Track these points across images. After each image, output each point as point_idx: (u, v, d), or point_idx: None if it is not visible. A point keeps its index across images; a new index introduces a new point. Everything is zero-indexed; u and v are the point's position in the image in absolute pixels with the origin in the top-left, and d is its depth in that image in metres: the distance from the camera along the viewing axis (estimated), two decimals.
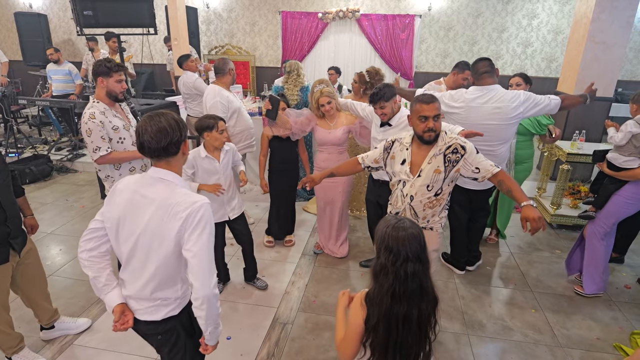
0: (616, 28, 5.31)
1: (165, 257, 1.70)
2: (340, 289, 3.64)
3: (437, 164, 2.46)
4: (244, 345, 3.00)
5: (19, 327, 2.88)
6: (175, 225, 1.63)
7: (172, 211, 1.64)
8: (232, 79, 4.22)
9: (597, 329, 3.25)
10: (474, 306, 3.50)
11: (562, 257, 4.29)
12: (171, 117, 1.70)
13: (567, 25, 8.56)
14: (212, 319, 1.73)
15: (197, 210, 1.64)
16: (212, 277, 1.68)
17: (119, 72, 2.97)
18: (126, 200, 1.73)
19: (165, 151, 1.69)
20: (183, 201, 1.65)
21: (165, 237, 1.66)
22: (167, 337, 1.89)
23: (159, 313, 1.81)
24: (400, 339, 1.57)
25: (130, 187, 1.74)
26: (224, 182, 3.22)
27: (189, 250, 1.64)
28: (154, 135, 1.65)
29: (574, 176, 5.53)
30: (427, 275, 1.58)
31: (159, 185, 1.71)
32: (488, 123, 3.28)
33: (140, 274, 1.75)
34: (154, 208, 1.66)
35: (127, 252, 1.75)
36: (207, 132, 3.06)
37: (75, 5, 4.54)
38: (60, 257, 4.10)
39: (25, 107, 8.48)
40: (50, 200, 5.40)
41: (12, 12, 9.98)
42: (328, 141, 3.76)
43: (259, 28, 9.78)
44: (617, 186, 3.38)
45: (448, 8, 8.95)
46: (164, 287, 1.78)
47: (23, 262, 2.71)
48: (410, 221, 1.62)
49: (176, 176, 1.75)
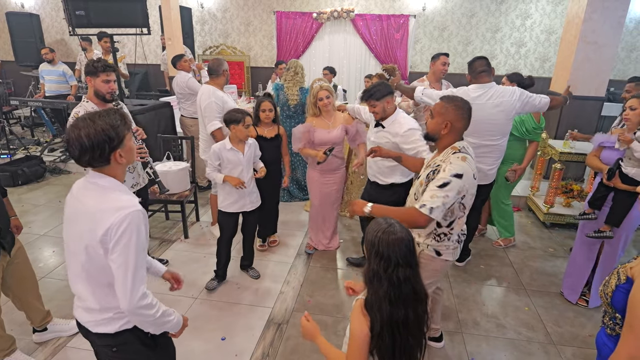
0: (608, 28, 5.35)
1: (100, 265, 1.60)
2: (335, 289, 3.67)
3: (425, 174, 2.36)
4: (239, 346, 3.00)
5: (10, 330, 2.86)
6: (99, 234, 1.54)
7: (98, 218, 1.55)
8: (225, 79, 4.19)
9: (589, 327, 3.27)
10: (468, 304, 3.51)
11: (555, 255, 4.32)
12: (95, 130, 1.54)
13: (560, 26, 8.61)
14: (146, 325, 1.69)
15: (123, 219, 1.53)
16: (136, 291, 1.58)
17: (106, 72, 2.96)
18: (69, 208, 1.68)
19: (90, 164, 1.60)
20: (110, 208, 1.56)
21: (96, 246, 1.56)
22: (123, 350, 1.77)
23: (112, 325, 1.71)
24: (404, 342, 1.56)
25: (73, 193, 1.69)
26: (247, 174, 3.45)
27: (113, 261, 1.56)
28: (75, 148, 1.55)
29: (566, 175, 5.56)
30: (417, 278, 1.58)
31: (92, 190, 1.63)
32: (493, 119, 3.39)
33: (82, 283, 1.68)
34: (85, 216, 1.59)
35: (70, 259, 1.70)
36: (233, 125, 3.27)
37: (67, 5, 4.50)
38: (53, 259, 4.08)
39: (17, 108, 8.43)
40: (43, 202, 5.37)
41: (3, 12, 9.89)
42: (328, 141, 3.77)
43: (253, 28, 9.76)
44: (633, 200, 3.06)
45: (442, 8, 8.97)
46: (109, 296, 1.66)
47: (13, 262, 2.69)
48: (400, 225, 1.59)
49: (112, 180, 1.64)
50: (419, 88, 3.76)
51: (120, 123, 1.61)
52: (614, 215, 3.18)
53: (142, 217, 1.61)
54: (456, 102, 2.31)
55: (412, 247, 1.56)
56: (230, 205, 3.48)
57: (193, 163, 4.74)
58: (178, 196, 4.30)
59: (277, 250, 4.32)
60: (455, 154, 2.26)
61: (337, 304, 3.49)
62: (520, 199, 5.49)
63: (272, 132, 3.93)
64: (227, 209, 3.50)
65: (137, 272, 1.58)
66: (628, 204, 3.10)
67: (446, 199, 2.16)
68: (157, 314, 1.67)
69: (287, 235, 4.55)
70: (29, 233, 4.53)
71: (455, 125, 2.29)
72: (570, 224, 4.83)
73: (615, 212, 3.17)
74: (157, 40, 9.51)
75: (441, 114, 2.31)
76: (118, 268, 1.55)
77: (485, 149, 3.50)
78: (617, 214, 3.16)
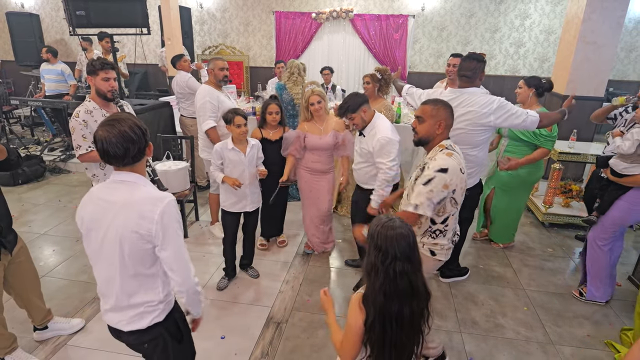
0: (607, 28, 5.36)
1: (138, 257, 1.66)
2: (334, 288, 3.68)
3: (416, 173, 2.44)
4: (238, 345, 3.00)
5: (12, 328, 2.86)
6: (142, 224, 1.60)
7: (138, 210, 1.61)
8: (213, 78, 4.17)
9: (588, 326, 3.28)
10: (467, 304, 3.52)
11: (554, 255, 4.33)
12: (134, 124, 1.64)
13: (559, 26, 8.62)
14: (192, 302, 1.82)
15: (165, 207, 1.63)
16: (190, 270, 1.74)
17: (105, 69, 2.97)
18: (92, 210, 1.70)
19: (134, 159, 1.66)
20: (148, 199, 1.63)
21: (134, 237, 1.62)
22: (154, 345, 1.85)
23: (143, 321, 1.77)
24: (395, 336, 1.58)
25: (94, 197, 1.71)
26: (248, 175, 3.45)
27: (164, 249, 1.64)
28: (121, 145, 1.60)
29: (565, 175, 5.57)
30: (417, 274, 1.59)
31: (122, 187, 1.67)
32: (458, 127, 3.12)
33: (115, 281, 1.71)
34: (117, 210, 1.63)
35: (99, 261, 1.73)
36: (227, 125, 3.33)
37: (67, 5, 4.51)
38: (53, 257, 4.09)
39: (17, 107, 8.44)
40: (43, 201, 5.37)
41: (3, 11, 9.91)
42: (320, 147, 3.78)
43: (252, 28, 9.77)
44: (622, 192, 3.27)
45: (441, 8, 8.99)
46: (143, 290, 1.74)
47: (14, 261, 2.70)
48: (400, 221, 1.62)
49: (139, 176, 1.70)
50: (406, 86, 3.72)
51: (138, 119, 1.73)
52: (602, 202, 3.41)
53: (176, 204, 1.72)
54: (443, 102, 2.43)
55: (412, 242, 1.57)
56: (231, 205, 3.50)
57: (192, 163, 4.75)
58: (177, 196, 4.30)
59: (277, 249, 4.33)
60: (442, 151, 2.34)
61: (336, 303, 3.49)
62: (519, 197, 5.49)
63: (277, 135, 3.93)
64: (229, 209, 3.52)
65: (186, 252, 1.72)
66: (615, 195, 3.30)
67: (430, 194, 2.24)
68: (200, 292, 1.84)
69: (287, 235, 4.55)
70: (29, 232, 4.53)
71: (448, 123, 2.40)
72: (569, 224, 4.84)
73: (604, 200, 3.39)
74: (157, 40, 9.52)
75: (433, 116, 2.38)
76: (173, 253, 1.66)
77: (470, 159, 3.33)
78: (604, 202, 3.38)
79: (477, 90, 3.20)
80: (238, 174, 3.40)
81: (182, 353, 1.97)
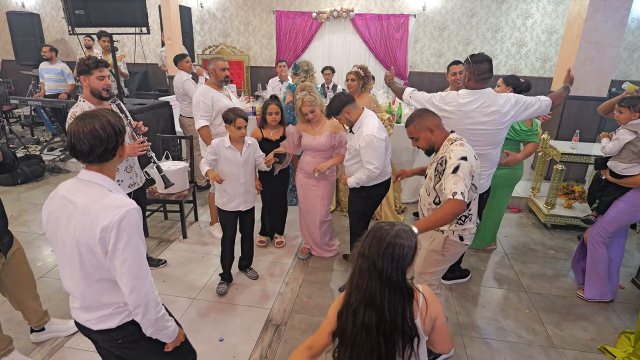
0: (610, 28, 5.32)
1: (98, 263, 1.59)
2: (334, 290, 3.65)
3: (432, 170, 2.52)
4: (236, 347, 2.97)
5: (8, 330, 2.84)
6: (97, 232, 1.52)
7: (96, 217, 1.53)
8: (214, 79, 4.16)
9: (590, 330, 3.25)
10: (468, 307, 3.49)
11: (556, 257, 4.29)
12: (106, 121, 1.58)
13: (561, 25, 8.58)
14: (149, 322, 1.66)
15: (122, 217, 1.52)
16: (144, 282, 1.60)
17: (99, 68, 2.92)
18: (55, 207, 1.66)
19: (99, 158, 1.59)
20: (107, 206, 1.55)
21: (92, 244, 1.55)
22: (130, 341, 1.77)
23: (112, 321, 1.71)
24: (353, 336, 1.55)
25: (59, 193, 1.66)
26: (244, 174, 3.43)
27: (116, 258, 1.55)
28: (87, 142, 1.54)
29: (568, 176, 5.53)
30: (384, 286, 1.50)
31: (85, 188, 1.61)
32: (481, 128, 3.12)
33: (78, 282, 1.66)
34: (79, 213, 1.57)
35: (62, 261, 1.69)
36: (227, 125, 3.30)
37: (66, 4, 4.48)
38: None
39: (17, 107, 8.42)
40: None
41: (4, 11, 9.89)
42: (313, 147, 3.77)
43: (253, 27, 9.75)
44: (621, 193, 3.30)
45: (442, 8, 8.95)
46: (109, 292, 1.67)
47: (9, 263, 2.67)
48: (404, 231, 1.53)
49: (106, 179, 1.63)
50: (408, 89, 3.50)
51: (119, 118, 1.66)
52: (601, 202, 3.44)
53: (138, 214, 1.61)
54: (420, 112, 2.59)
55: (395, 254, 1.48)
56: (225, 204, 3.48)
57: (192, 163, 4.72)
58: (177, 196, 4.28)
59: (276, 251, 4.30)
60: (453, 143, 2.45)
61: None
62: (520, 200, 5.46)
63: (278, 134, 3.92)
64: (223, 207, 3.50)
65: (142, 264, 1.60)
66: (614, 195, 3.34)
67: (466, 180, 2.30)
68: (159, 313, 1.67)
69: (287, 237, 4.52)
70: (28, 232, 4.51)
71: (435, 123, 2.53)
72: (571, 226, 4.80)
73: (603, 200, 3.42)
74: (157, 40, 9.50)
75: (420, 130, 2.54)
76: (123, 264, 1.55)
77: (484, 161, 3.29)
78: (603, 202, 3.41)
79: (491, 89, 3.18)
80: (233, 172, 3.38)
81: (159, 347, 1.85)
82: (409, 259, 1.50)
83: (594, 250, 3.47)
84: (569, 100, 5.64)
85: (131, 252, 1.56)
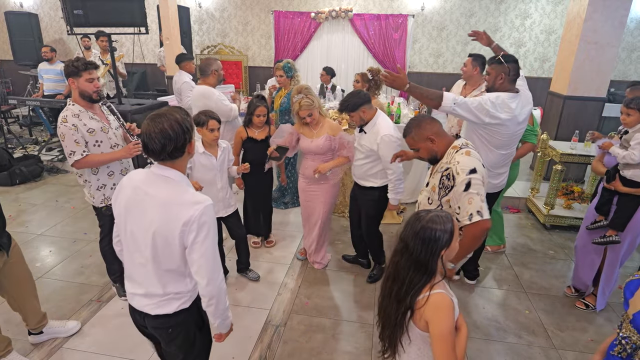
0: (609, 28, 5.32)
1: (171, 255, 1.70)
2: (333, 291, 3.64)
3: (435, 181, 2.36)
4: (236, 348, 2.97)
5: (7, 331, 2.83)
6: (178, 226, 1.63)
7: (177, 212, 1.64)
8: (216, 80, 4.20)
9: (590, 331, 3.24)
10: (468, 308, 3.49)
11: (555, 257, 4.29)
12: (174, 120, 1.66)
13: (560, 25, 8.58)
14: (218, 312, 1.80)
15: (202, 212, 1.64)
16: (219, 274, 1.74)
17: (88, 70, 2.85)
18: (129, 196, 1.73)
19: (170, 156, 1.68)
20: (187, 201, 1.66)
21: (170, 236, 1.66)
22: (178, 331, 1.88)
23: (170, 306, 1.81)
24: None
25: (134, 183, 1.74)
26: (220, 179, 3.35)
27: (195, 251, 1.66)
28: (158, 141, 1.63)
29: (567, 176, 5.53)
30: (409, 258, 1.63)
31: (163, 184, 1.70)
32: (521, 129, 3.10)
33: (147, 271, 1.76)
34: (158, 207, 1.66)
35: (133, 248, 1.76)
36: (199, 128, 3.18)
37: (65, 4, 4.47)
38: (50, 258, 4.05)
39: (15, 107, 8.40)
40: (41, 201, 5.33)
41: (2, 11, 9.86)
42: (311, 150, 3.65)
43: (251, 28, 9.73)
44: (636, 202, 3.06)
45: (441, 8, 8.95)
46: (173, 282, 1.78)
47: (7, 262, 2.65)
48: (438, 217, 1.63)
49: (182, 176, 1.74)
50: (449, 96, 2.85)
51: (187, 115, 1.74)
52: (618, 219, 3.14)
53: (212, 208, 1.73)
54: (417, 121, 2.41)
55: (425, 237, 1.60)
56: None
57: None
58: None
59: (275, 251, 4.29)
60: (458, 152, 2.28)
61: (334, 306, 3.46)
62: (520, 201, 5.46)
63: (263, 134, 3.90)
64: None
65: (217, 257, 1.73)
66: (631, 207, 3.08)
67: (480, 194, 2.18)
68: (226, 303, 1.84)
69: (286, 237, 4.52)
70: (26, 232, 4.50)
71: (435, 131, 2.35)
72: (571, 226, 4.80)
73: (619, 215, 3.13)
74: (155, 40, 9.47)
75: (419, 141, 2.38)
76: (200, 257, 1.67)
77: (508, 158, 3.27)
78: (620, 218, 3.12)
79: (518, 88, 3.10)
80: (210, 178, 3.29)
81: (201, 341, 2.01)
82: (442, 242, 1.60)
83: (614, 268, 3.30)
84: (568, 100, 5.65)
85: (209, 245, 1.68)
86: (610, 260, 3.31)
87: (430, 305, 1.60)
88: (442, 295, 1.62)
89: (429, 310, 1.60)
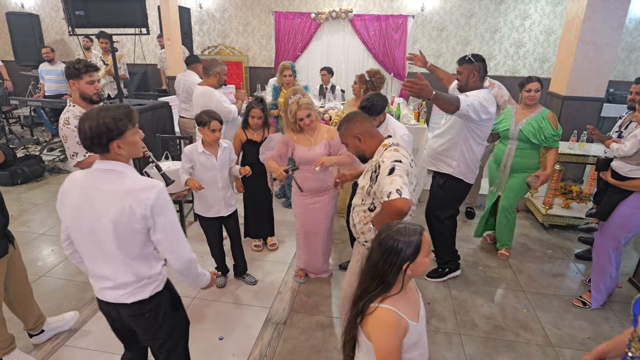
0: (608, 28, 5.34)
1: (136, 241, 1.77)
2: (333, 290, 3.66)
3: (366, 180, 2.36)
4: (236, 346, 2.99)
5: (10, 328, 2.85)
6: (139, 211, 1.70)
7: (135, 198, 1.70)
8: (217, 81, 4.23)
9: (588, 329, 3.27)
10: (466, 306, 3.51)
11: (554, 256, 4.31)
12: (101, 121, 1.68)
13: (559, 26, 8.60)
14: (193, 279, 2.00)
15: (159, 193, 1.73)
16: (184, 247, 1.86)
17: (89, 72, 2.91)
18: (79, 197, 1.75)
19: (90, 149, 1.75)
20: (142, 188, 1.72)
21: (131, 222, 1.71)
22: (155, 315, 1.95)
23: (144, 292, 1.88)
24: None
25: (80, 184, 1.77)
26: (221, 179, 3.33)
27: (158, 231, 1.76)
28: (88, 134, 1.69)
29: (565, 176, 5.55)
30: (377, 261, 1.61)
31: (110, 176, 1.74)
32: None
33: (115, 262, 1.80)
34: (114, 199, 1.70)
35: (94, 245, 1.79)
36: (200, 127, 3.19)
37: (66, 5, 4.49)
38: (51, 257, 4.07)
39: (17, 107, 8.43)
40: (42, 201, 5.36)
41: (3, 12, 9.90)
42: (310, 160, 3.31)
43: (252, 28, 9.76)
44: (622, 196, 3.15)
45: (441, 9, 8.97)
46: (142, 267, 1.85)
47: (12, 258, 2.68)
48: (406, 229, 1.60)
49: (125, 165, 1.78)
50: (463, 99, 3.04)
51: (124, 117, 1.74)
52: (602, 208, 3.33)
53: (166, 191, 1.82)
54: (348, 118, 2.45)
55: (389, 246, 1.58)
56: (205, 210, 3.42)
57: None
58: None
59: (275, 250, 4.31)
60: (387, 149, 2.30)
61: (334, 304, 3.48)
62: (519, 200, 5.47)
63: (261, 136, 3.87)
64: (203, 214, 3.44)
65: (179, 231, 1.84)
66: (615, 199, 3.23)
67: (402, 178, 2.14)
68: (198, 269, 1.99)
69: (285, 236, 4.54)
70: (28, 232, 4.52)
71: (364, 131, 2.39)
72: (569, 226, 4.82)
73: (603, 205, 3.32)
74: (155, 41, 9.48)
75: (348, 136, 2.44)
76: (166, 235, 1.78)
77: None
78: (603, 207, 3.31)
79: None
80: (210, 178, 3.28)
81: (177, 321, 2.10)
82: (404, 254, 1.56)
83: (603, 261, 3.34)
84: (567, 100, 5.67)
85: (170, 222, 1.78)
86: (597, 256, 3.40)
87: (372, 318, 1.59)
88: (388, 312, 1.57)
89: (370, 323, 1.60)
